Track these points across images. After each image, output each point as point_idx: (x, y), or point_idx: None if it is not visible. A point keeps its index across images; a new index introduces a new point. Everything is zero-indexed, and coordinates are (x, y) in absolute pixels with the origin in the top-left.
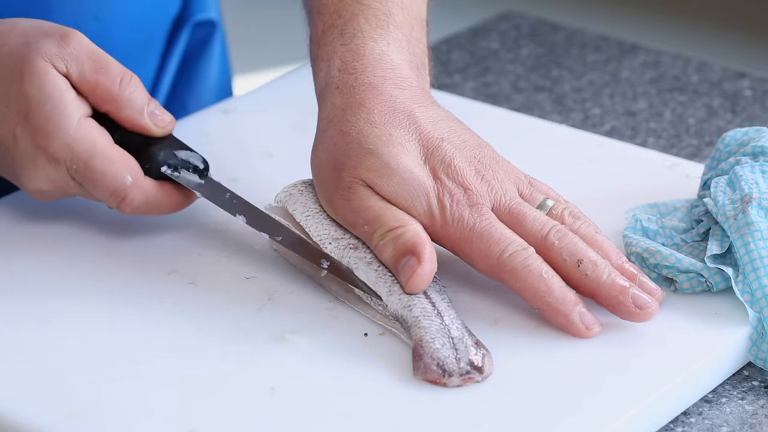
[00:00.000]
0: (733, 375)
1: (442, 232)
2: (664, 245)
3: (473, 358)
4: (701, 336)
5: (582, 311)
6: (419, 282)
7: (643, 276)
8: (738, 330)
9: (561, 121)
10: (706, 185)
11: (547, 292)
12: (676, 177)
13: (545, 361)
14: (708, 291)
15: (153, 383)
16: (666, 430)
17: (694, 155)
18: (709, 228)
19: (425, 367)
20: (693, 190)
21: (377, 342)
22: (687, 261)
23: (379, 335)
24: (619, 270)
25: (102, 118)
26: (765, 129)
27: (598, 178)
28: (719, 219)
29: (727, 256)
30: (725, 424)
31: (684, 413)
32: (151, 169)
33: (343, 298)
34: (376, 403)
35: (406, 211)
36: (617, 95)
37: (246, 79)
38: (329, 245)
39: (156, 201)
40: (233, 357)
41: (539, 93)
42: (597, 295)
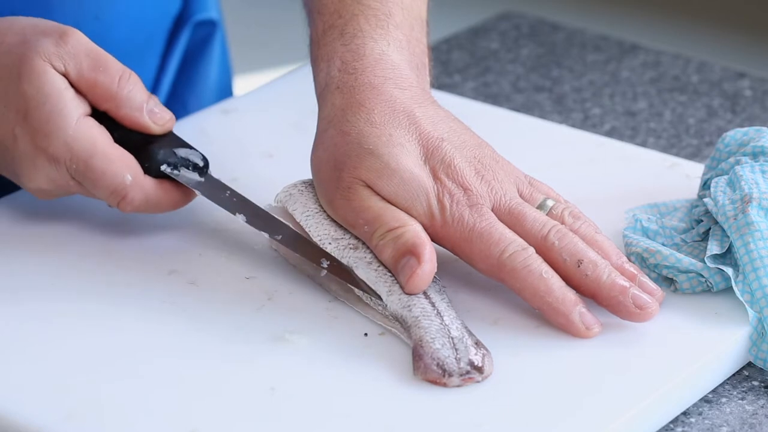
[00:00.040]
0: (733, 375)
1: (442, 232)
2: (664, 245)
3: (473, 358)
4: (701, 336)
5: (582, 311)
6: (419, 282)
7: (643, 276)
8: (738, 330)
9: (561, 121)
10: (706, 185)
11: (547, 292)
12: (676, 177)
13: (545, 361)
14: (708, 291)
15: (153, 383)
16: (666, 430)
17: (694, 155)
18: (709, 228)
19: (425, 367)
20: (693, 190)
21: (377, 342)
22: (687, 261)
23: (379, 335)
24: (619, 270)
25: (101, 116)
26: (765, 129)
27: (598, 178)
28: (719, 219)
29: (727, 256)
30: (725, 424)
31: (684, 413)
32: (151, 168)
33: (343, 298)
34: (376, 403)
35: (406, 212)
36: (617, 95)
37: (246, 79)
38: (329, 245)
39: (156, 199)
40: (233, 357)
41: (539, 93)
42: (597, 296)
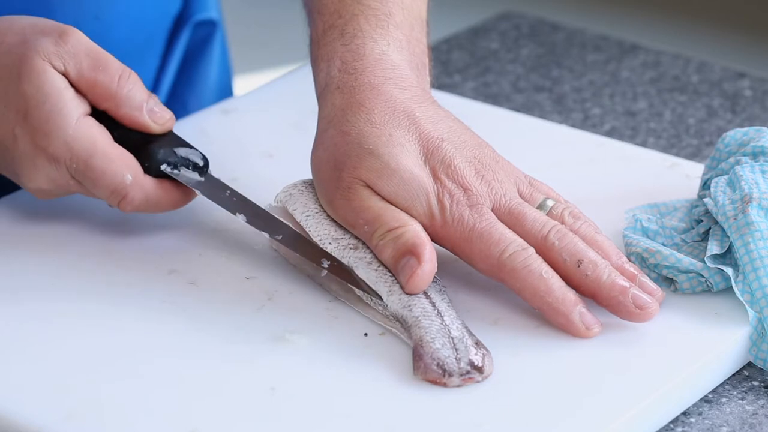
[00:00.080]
0: (733, 375)
1: (442, 232)
2: (664, 245)
3: (473, 358)
4: (701, 336)
5: (582, 311)
6: (419, 282)
7: (644, 276)
8: (738, 330)
9: (561, 121)
10: (706, 185)
11: (547, 292)
12: (676, 177)
13: (545, 361)
14: (708, 291)
15: (153, 383)
16: (666, 430)
17: (694, 155)
18: (709, 228)
19: (425, 367)
20: (693, 190)
21: (377, 342)
22: (687, 261)
23: (379, 335)
24: (620, 270)
25: (101, 115)
26: (765, 129)
27: (598, 178)
28: (719, 219)
29: (727, 256)
30: (725, 424)
31: (684, 413)
32: (151, 167)
33: (343, 298)
34: (376, 403)
35: (406, 212)
36: (617, 95)
37: (246, 79)
38: (329, 245)
39: (156, 199)
40: (233, 357)
41: (539, 93)
42: (597, 296)
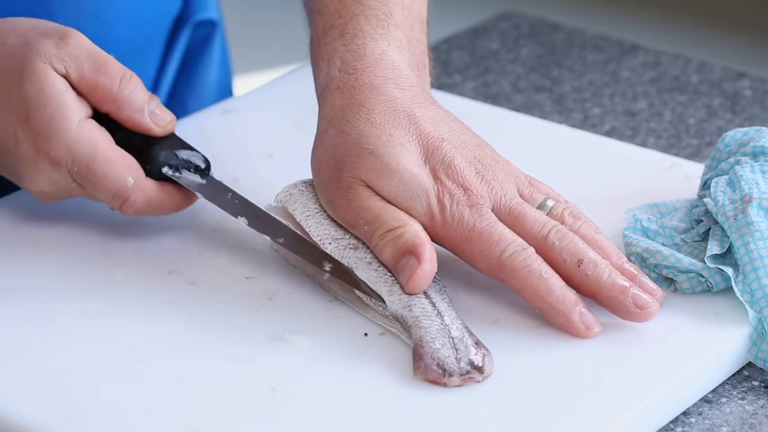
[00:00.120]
0: (733, 375)
1: (442, 232)
2: (664, 245)
3: (473, 358)
4: (701, 336)
5: (582, 311)
6: (419, 282)
7: (644, 276)
8: (738, 330)
9: (561, 121)
10: (706, 185)
11: (547, 292)
12: (676, 177)
13: (545, 361)
14: (708, 291)
15: (153, 383)
16: (666, 430)
17: (694, 155)
18: (709, 228)
19: (426, 367)
20: (693, 190)
21: (377, 342)
22: (687, 261)
23: (379, 335)
24: (620, 270)
25: (103, 118)
26: (765, 129)
27: (598, 178)
28: (719, 219)
29: (727, 256)
30: (725, 424)
31: (684, 413)
32: (152, 170)
33: (343, 298)
34: (376, 403)
35: (406, 212)
36: (617, 95)
37: (246, 79)
38: (329, 245)
39: (157, 202)
40: (233, 357)
41: (539, 93)
42: (597, 296)
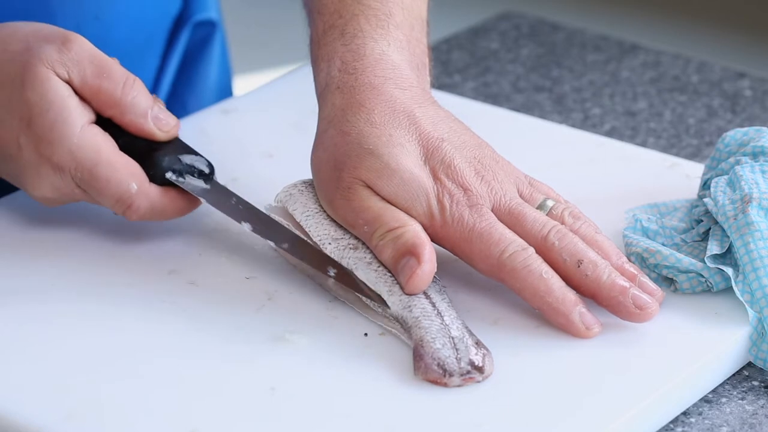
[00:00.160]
0: (733, 375)
1: (441, 232)
2: (664, 245)
3: (474, 357)
4: (701, 336)
5: (582, 311)
6: (419, 282)
7: (644, 276)
8: (738, 330)
9: (561, 121)
10: (706, 185)
11: (547, 292)
12: (676, 177)
13: (545, 361)
14: (708, 291)
15: (153, 383)
16: (666, 430)
17: (694, 155)
18: (709, 228)
19: (426, 367)
20: (693, 190)
21: (377, 342)
22: (687, 261)
23: (379, 335)
24: (620, 270)
25: (106, 122)
26: (765, 129)
27: (598, 178)
28: (719, 219)
29: (727, 256)
30: (725, 424)
31: (684, 413)
32: (156, 175)
33: (343, 298)
34: (376, 403)
35: (405, 212)
36: (617, 95)
37: (246, 79)
38: (329, 245)
39: (161, 208)
40: (233, 357)
41: (539, 93)
42: (597, 296)
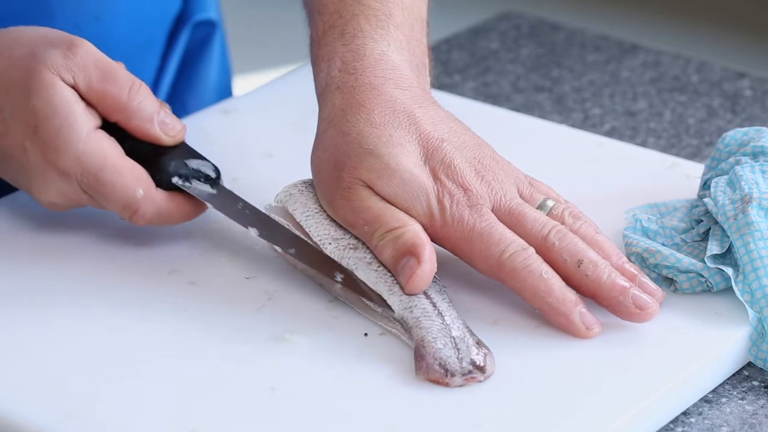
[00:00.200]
0: (733, 375)
1: (441, 232)
2: (664, 245)
3: (475, 357)
4: (701, 336)
5: (582, 311)
6: (419, 282)
7: (644, 276)
8: (738, 330)
9: (561, 121)
10: (706, 185)
11: (548, 292)
12: (676, 177)
13: (545, 361)
14: (708, 291)
15: (153, 383)
16: (666, 430)
17: (694, 155)
18: (709, 228)
19: (428, 367)
20: (693, 190)
21: (377, 342)
22: (687, 261)
23: (379, 335)
24: (620, 270)
25: (112, 127)
26: (765, 129)
27: (598, 178)
28: (719, 219)
29: (727, 256)
30: (725, 424)
31: (684, 413)
32: (162, 180)
33: (343, 298)
34: (376, 403)
35: (405, 212)
36: (617, 95)
37: (246, 79)
38: (329, 245)
39: (167, 213)
40: (233, 357)
41: (539, 93)
42: (597, 296)
